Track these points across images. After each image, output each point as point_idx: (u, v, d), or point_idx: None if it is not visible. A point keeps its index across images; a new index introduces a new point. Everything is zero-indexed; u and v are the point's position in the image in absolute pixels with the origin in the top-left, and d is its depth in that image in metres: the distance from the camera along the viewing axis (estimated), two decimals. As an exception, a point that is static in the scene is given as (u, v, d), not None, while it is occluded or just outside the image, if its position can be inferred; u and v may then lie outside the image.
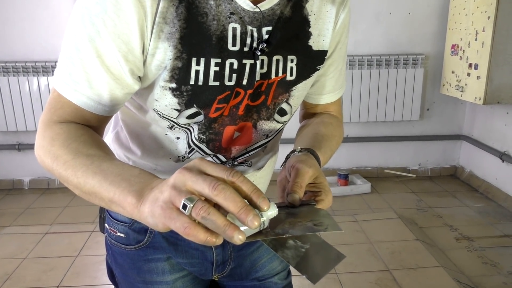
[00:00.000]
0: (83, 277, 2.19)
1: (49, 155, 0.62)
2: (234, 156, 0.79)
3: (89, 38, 0.60)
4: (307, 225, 0.56)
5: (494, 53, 2.67)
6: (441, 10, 3.25)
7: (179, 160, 0.77)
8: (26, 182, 3.42)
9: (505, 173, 3.03)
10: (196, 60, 0.64)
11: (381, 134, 3.49)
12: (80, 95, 0.63)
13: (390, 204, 3.04)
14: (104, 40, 0.60)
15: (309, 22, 0.71)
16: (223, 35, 0.64)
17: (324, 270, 0.56)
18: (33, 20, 3.09)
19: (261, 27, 0.66)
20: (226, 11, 0.63)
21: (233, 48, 0.65)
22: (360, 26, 3.24)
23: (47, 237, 2.59)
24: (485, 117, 3.26)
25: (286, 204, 0.62)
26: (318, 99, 0.86)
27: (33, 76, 3.11)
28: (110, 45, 0.60)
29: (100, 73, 0.62)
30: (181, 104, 0.67)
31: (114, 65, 0.62)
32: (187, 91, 0.66)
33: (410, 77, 3.30)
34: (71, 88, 0.63)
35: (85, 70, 0.62)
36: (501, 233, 2.61)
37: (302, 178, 0.62)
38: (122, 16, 0.59)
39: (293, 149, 0.73)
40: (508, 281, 2.12)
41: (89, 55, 0.61)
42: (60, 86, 0.64)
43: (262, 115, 0.75)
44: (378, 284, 2.09)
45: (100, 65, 0.61)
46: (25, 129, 3.21)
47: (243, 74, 0.68)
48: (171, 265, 0.84)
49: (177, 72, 0.64)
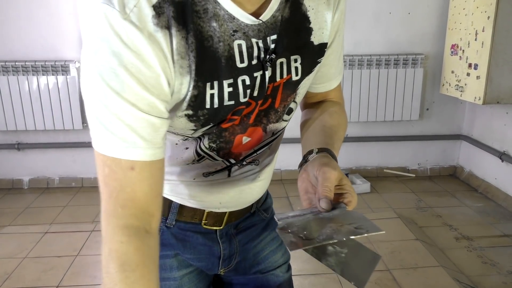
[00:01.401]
0: (83, 277, 2.19)
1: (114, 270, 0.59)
2: (243, 158, 0.79)
3: (117, 91, 0.56)
4: (350, 228, 0.56)
5: (494, 53, 2.68)
6: (441, 10, 3.25)
7: (187, 164, 0.77)
8: (25, 181, 3.42)
9: (505, 173, 3.03)
10: (210, 85, 0.63)
11: (381, 134, 3.49)
12: (134, 150, 0.58)
13: (389, 204, 3.04)
14: (133, 88, 0.56)
15: (308, 18, 0.71)
16: (230, 54, 0.63)
17: (367, 274, 0.56)
18: (33, 19, 3.08)
19: (266, 37, 0.66)
20: (229, 29, 0.62)
21: (242, 65, 0.64)
22: (360, 26, 3.24)
23: (47, 237, 2.59)
24: (485, 117, 3.26)
25: (317, 210, 0.62)
26: (319, 88, 0.85)
27: (32, 76, 3.10)
28: (140, 91, 0.57)
29: (141, 117, 0.58)
30: (198, 126, 0.67)
31: (150, 108, 0.58)
32: (203, 115, 0.65)
33: (410, 77, 3.31)
34: (123, 146, 0.58)
35: (126, 124, 0.57)
36: (501, 232, 2.62)
37: (330, 181, 0.63)
38: (143, 60, 0.56)
39: (309, 150, 0.72)
40: (508, 281, 2.12)
41: (123, 107, 0.57)
42: (112, 150, 0.58)
43: (271, 119, 0.74)
44: (378, 284, 2.09)
45: (138, 111, 0.57)
46: (25, 129, 3.20)
47: (254, 87, 0.67)
48: (178, 262, 0.86)
49: (193, 100, 0.63)
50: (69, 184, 3.40)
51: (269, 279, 0.94)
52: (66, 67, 3.12)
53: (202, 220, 0.84)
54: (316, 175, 0.65)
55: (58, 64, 3.11)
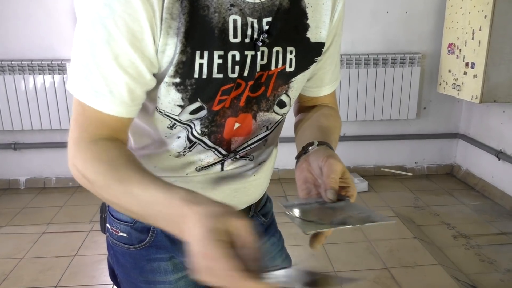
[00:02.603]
0: (81, 277, 2.18)
1: (83, 178, 0.63)
2: (235, 149, 0.78)
3: (102, 41, 0.59)
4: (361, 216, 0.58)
5: (490, 52, 2.69)
6: (438, 9, 3.26)
7: (179, 155, 0.77)
8: (22, 181, 3.40)
9: (502, 171, 3.04)
10: (200, 54, 0.64)
11: (378, 133, 3.50)
12: (102, 101, 0.62)
13: (387, 203, 3.05)
14: (118, 41, 0.59)
15: (306, 14, 0.72)
16: (224, 27, 0.64)
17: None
18: (29, 18, 3.07)
19: (261, 18, 0.67)
20: (227, 3, 0.64)
21: (235, 40, 0.65)
22: (357, 25, 3.25)
23: (44, 237, 2.58)
24: (482, 116, 3.27)
25: (322, 200, 0.64)
26: (314, 92, 0.86)
27: (29, 75, 3.09)
28: (125, 45, 0.60)
29: (119, 75, 0.61)
30: (185, 100, 0.67)
31: (131, 65, 0.61)
32: (191, 85, 0.66)
33: (407, 75, 3.31)
34: (93, 96, 0.62)
35: (103, 76, 0.61)
36: (498, 230, 2.63)
37: (336, 173, 0.64)
38: (132, 14, 0.58)
39: (308, 142, 0.73)
40: (505, 278, 2.14)
41: (105, 59, 0.60)
42: (83, 96, 0.63)
43: (262, 107, 0.75)
44: (376, 282, 2.09)
45: (118, 67, 0.61)
46: (21, 128, 3.19)
47: (244, 66, 0.68)
48: (173, 265, 0.84)
49: (181, 67, 0.64)
50: (66, 184, 3.38)
51: None
52: (63, 66, 3.10)
53: None
54: (321, 166, 0.65)
55: (54, 64, 3.09)
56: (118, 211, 0.81)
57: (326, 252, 2.35)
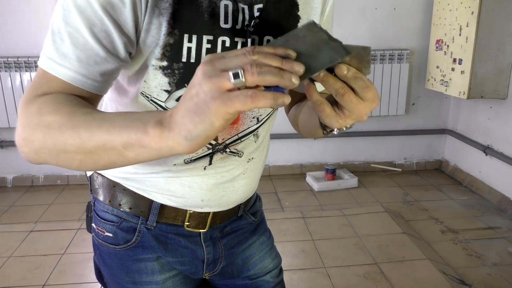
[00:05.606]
0: (69, 275, 2.16)
1: (38, 128, 0.57)
2: (225, 142, 0.77)
3: (79, 9, 0.57)
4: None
5: (477, 48, 2.71)
6: (426, 6, 3.28)
7: None
8: (9, 179, 3.36)
9: (489, 166, 3.08)
10: (188, 37, 0.63)
11: (368, 129, 3.51)
12: (67, 70, 0.59)
13: (377, 198, 3.07)
14: (95, 10, 0.57)
15: (298, 5, 0.72)
16: (215, 12, 0.64)
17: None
18: (16, 15, 3.02)
19: (252, 5, 0.67)
20: None
21: (225, 25, 0.65)
22: (346, 21, 3.25)
23: (32, 235, 2.55)
24: (469, 112, 3.31)
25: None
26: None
27: (15, 72, 3.04)
28: (101, 15, 0.58)
29: (90, 45, 0.59)
30: (172, 84, 0.66)
31: (105, 37, 0.59)
32: (178, 69, 0.65)
33: (396, 72, 3.33)
34: (58, 63, 0.59)
35: (73, 44, 0.58)
36: (485, 225, 2.66)
37: None
38: None
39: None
40: (492, 272, 2.16)
41: (79, 27, 0.58)
42: (45, 62, 0.60)
43: None
44: (366, 278, 2.11)
45: (91, 37, 0.58)
46: (8, 126, 3.14)
47: None
48: (160, 265, 0.83)
49: (168, 49, 0.63)
50: (54, 182, 3.35)
51: (259, 285, 0.92)
52: (50, 63, 3.06)
53: (184, 222, 0.81)
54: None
55: (41, 60, 3.05)
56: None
57: (316, 248, 2.36)
